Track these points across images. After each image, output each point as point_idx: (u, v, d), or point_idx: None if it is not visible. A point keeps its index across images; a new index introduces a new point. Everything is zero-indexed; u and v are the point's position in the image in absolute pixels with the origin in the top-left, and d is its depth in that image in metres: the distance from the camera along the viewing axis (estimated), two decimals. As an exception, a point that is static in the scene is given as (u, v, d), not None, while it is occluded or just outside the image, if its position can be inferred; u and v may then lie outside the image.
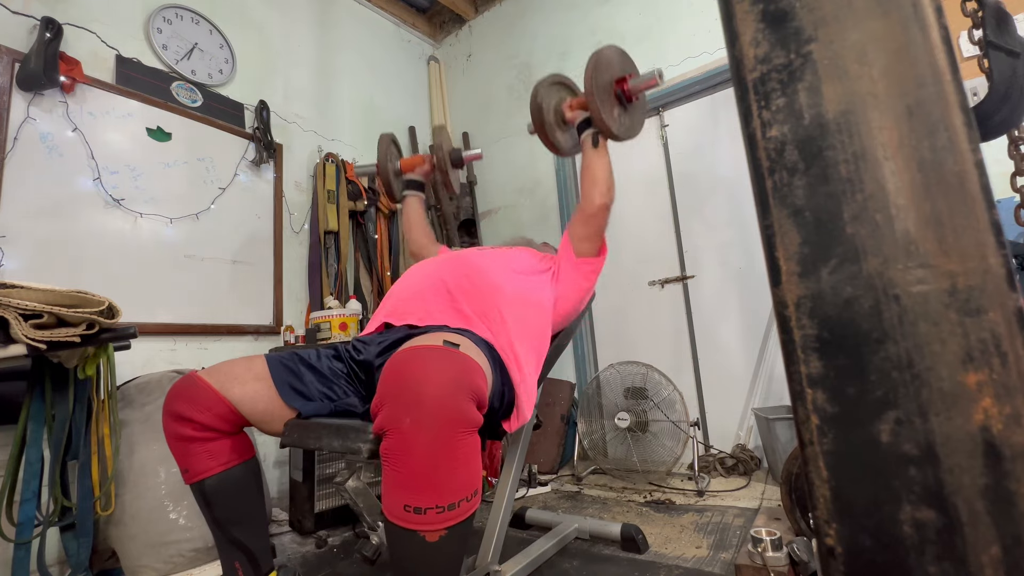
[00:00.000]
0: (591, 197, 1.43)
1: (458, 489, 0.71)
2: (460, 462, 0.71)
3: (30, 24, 1.95)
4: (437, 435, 0.69)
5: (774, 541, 1.29)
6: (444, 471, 0.70)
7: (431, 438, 0.69)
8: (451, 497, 0.70)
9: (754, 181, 0.50)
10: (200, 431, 0.97)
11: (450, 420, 0.70)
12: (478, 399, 0.76)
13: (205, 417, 0.97)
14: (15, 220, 1.84)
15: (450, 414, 0.70)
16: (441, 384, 0.72)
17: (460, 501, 0.71)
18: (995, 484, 0.38)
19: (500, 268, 1.33)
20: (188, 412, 0.96)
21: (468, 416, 0.73)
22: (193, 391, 0.99)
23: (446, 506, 0.70)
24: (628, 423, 2.37)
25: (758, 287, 2.61)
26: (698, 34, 2.77)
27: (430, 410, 0.70)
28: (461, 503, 0.71)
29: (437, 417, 0.69)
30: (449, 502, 0.70)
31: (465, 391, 0.73)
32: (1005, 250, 0.39)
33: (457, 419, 0.71)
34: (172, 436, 0.98)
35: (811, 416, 0.45)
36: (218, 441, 0.99)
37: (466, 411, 0.72)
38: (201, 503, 0.99)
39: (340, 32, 3.28)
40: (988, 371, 0.39)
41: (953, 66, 0.42)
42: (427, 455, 0.69)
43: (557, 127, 1.50)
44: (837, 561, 0.43)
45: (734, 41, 0.51)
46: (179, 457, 0.99)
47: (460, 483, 0.71)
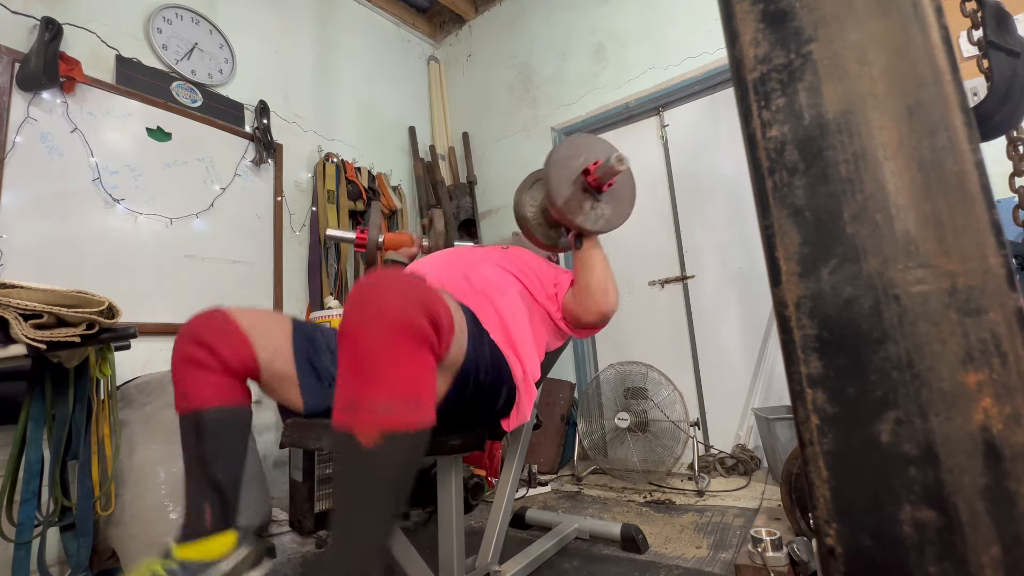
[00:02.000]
0: (585, 305, 1.29)
1: (395, 388, 0.69)
2: (400, 362, 0.70)
3: (30, 24, 1.95)
4: (380, 328, 0.70)
5: (774, 541, 1.29)
6: (381, 364, 0.69)
7: (374, 330, 0.70)
8: (385, 395, 0.68)
9: (754, 181, 0.50)
10: (215, 363, 0.94)
11: (395, 316, 0.71)
12: (432, 318, 0.74)
13: (226, 352, 0.94)
14: (15, 220, 1.84)
15: (396, 312, 0.71)
16: (391, 288, 0.73)
17: (396, 403, 0.68)
18: (995, 484, 0.38)
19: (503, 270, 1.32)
20: (211, 341, 0.93)
21: (416, 323, 0.71)
22: (222, 325, 0.96)
23: (380, 404, 0.68)
24: (628, 423, 2.37)
25: (758, 287, 2.61)
26: (698, 34, 2.77)
27: (377, 308, 0.71)
28: (397, 405, 0.68)
29: (383, 312, 0.71)
30: (384, 400, 0.68)
31: (416, 301, 0.73)
32: (1005, 250, 0.39)
33: (404, 319, 0.71)
34: (182, 358, 0.95)
35: (811, 416, 0.45)
36: (228, 378, 0.96)
37: (414, 317, 0.71)
38: (190, 436, 0.93)
39: (340, 32, 3.28)
40: (988, 371, 0.39)
41: (953, 66, 0.42)
42: (368, 347, 0.70)
43: (548, 226, 1.41)
44: (837, 561, 0.43)
45: (734, 41, 0.52)
46: (182, 381, 0.95)
47: (398, 383, 0.69)
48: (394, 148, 3.50)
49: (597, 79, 3.17)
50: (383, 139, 3.42)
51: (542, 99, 3.40)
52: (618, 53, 3.10)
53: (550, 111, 3.35)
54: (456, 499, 1.18)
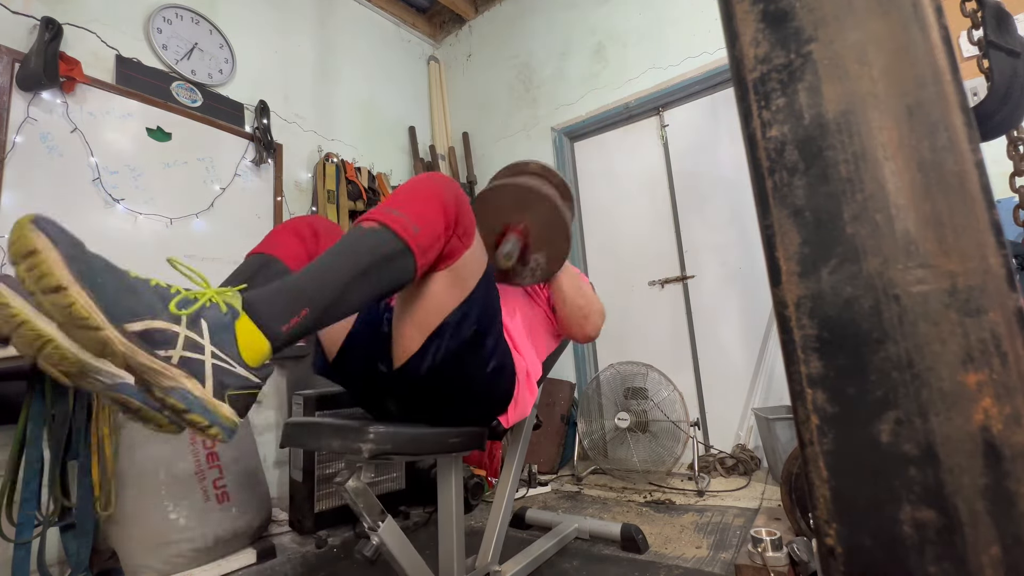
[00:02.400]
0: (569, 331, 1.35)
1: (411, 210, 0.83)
2: (424, 203, 0.85)
3: (30, 24, 1.95)
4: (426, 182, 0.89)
5: (774, 541, 1.29)
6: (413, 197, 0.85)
7: (421, 182, 0.90)
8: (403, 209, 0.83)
9: (754, 181, 0.50)
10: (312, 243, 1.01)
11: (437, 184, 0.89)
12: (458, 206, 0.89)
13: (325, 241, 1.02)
14: (15, 220, 1.84)
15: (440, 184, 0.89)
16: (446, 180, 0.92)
17: (405, 217, 0.81)
18: (995, 484, 0.38)
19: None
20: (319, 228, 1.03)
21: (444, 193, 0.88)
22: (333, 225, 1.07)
23: (395, 210, 0.82)
24: (628, 423, 2.37)
25: (758, 287, 2.61)
26: (698, 34, 2.77)
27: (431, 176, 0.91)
28: (404, 219, 0.81)
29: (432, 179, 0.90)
30: (399, 210, 0.82)
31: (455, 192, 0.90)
32: (1005, 250, 0.39)
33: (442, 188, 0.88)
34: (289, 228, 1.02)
35: (811, 416, 0.45)
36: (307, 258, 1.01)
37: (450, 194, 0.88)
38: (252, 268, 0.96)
39: (340, 32, 3.28)
40: (988, 371, 0.39)
41: (953, 66, 0.42)
42: (413, 185, 0.89)
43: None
44: (837, 561, 0.43)
45: (734, 41, 0.52)
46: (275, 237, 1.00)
47: (414, 210, 0.83)
48: (394, 148, 3.50)
49: (597, 79, 3.17)
50: (383, 139, 3.42)
51: (542, 99, 3.40)
52: (618, 53, 3.10)
53: (550, 111, 3.35)
54: (456, 499, 1.18)
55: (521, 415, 1.16)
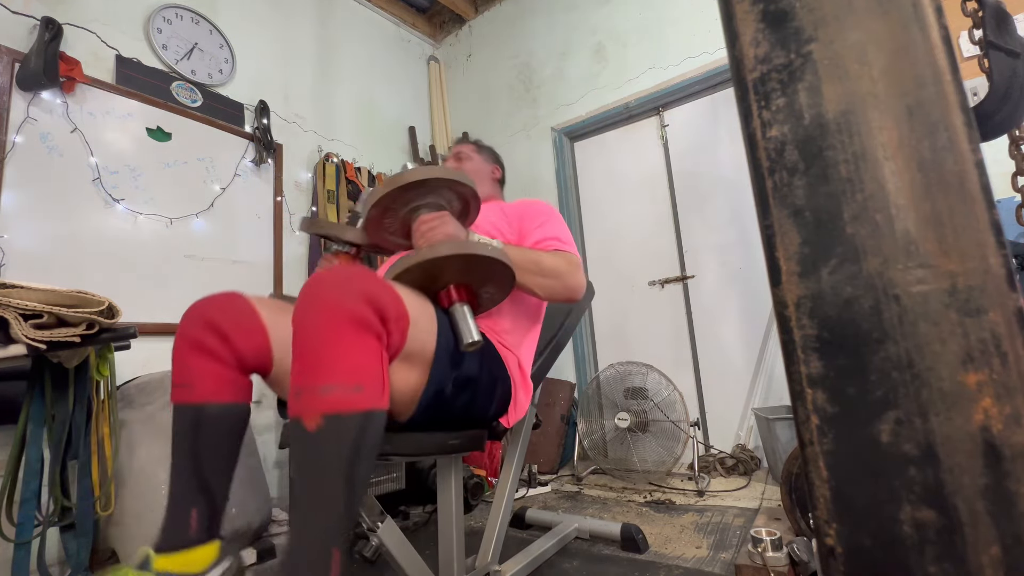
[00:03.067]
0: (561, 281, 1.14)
1: (332, 372, 0.70)
2: (339, 349, 0.71)
3: (30, 24, 1.95)
4: (319, 319, 0.72)
5: (774, 541, 1.29)
6: (316, 352, 0.71)
7: (314, 322, 0.73)
8: (324, 378, 0.69)
9: (754, 181, 0.50)
10: (227, 352, 0.88)
11: (332, 307, 0.73)
12: (376, 306, 0.75)
13: (239, 340, 0.88)
14: (15, 220, 1.84)
15: (333, 303, 0.73)
16: (329, 283, 0.76)
17: (336, 387, 0.69)
18: (995, 484, 0.38)
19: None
20: (224, 326, 0.88)
21: (355, 311, 0.73)
22: (237, 309, 0.91)
23: (319, 387, 0.69)
24: (628, 423, 2.37)
25: (758, 287, 2.61)
26: (698, 34, 2.77)
27: (317, 302, 0.74)
28: (336, 390, 0.69)
29: (318, 306, 0.73)
30: (323, 383, 0.69)
31: (353, 292, 0.74)
32: (1005, 250, 0.39)
33: (340, 308, 0.72)
34: (189, 342, 0.88)
35: (811, 416, 0.45)
36: (234, 371, 0.90)
37: (352, 306, 0.73)
38: (187, 430, 0.87)
39: (340, 32, 3.28)
40: (988, 371, 0.39)
41: (953, 66, 0.42)
42: (309, 338, 0.72)
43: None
44: (837, 561, 0.43)
45: (734, 41, 0.51)
46: (187, 368, 0.88)
47: (335, 367, 0.70)
48: (394, 148, 3.50)
49: (597, 79, 3.17)
50: (383, 139, 3.42)
51: (542, 99, 3.40)
52: (618, 53, 3.09)
53: (550, 111, 3.35)
54: (456, 499, 1.18)
55: (520, 412, 1.15)
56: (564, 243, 1.20)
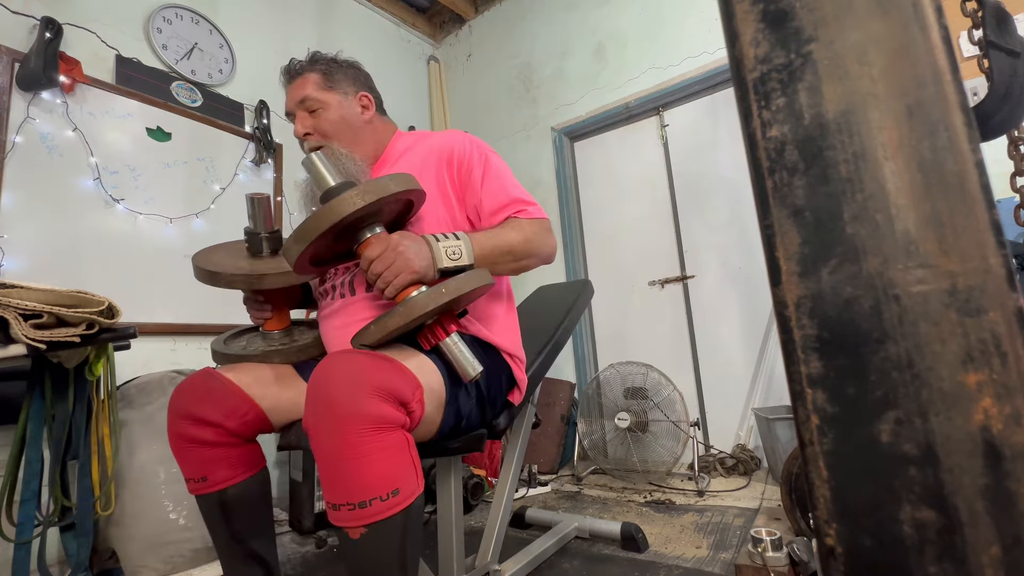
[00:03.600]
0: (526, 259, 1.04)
1: (367, 487, 0.69)
2: (366, 460, 0.69)
3: (30, 24, 1.95)
4: (335, 433, 0.69)
5: (774, 541, 1.29)
6: (346, 469, 0.69)
7: (331, 436, 0.70)
8: (360, 495, 0.69)
9: (754, 181, 0.50)
10: (223, 436, 0.89)
11: (348, 417, 0.70)
12: (394, 394, 0.73)
13: (231, 422, 0.88)
14: (15, 220, 1.84)
15: (347, 412, 0.70)
16: (338, 385, 0.71)
17: (373, 500, 0.69)
18: (995, 484, 0.38)
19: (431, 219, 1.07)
20: (210, 415, 0.87)
21: (370, 412, 0.70)
22: (218, 392, 0.90)
23: (356, 504, 0.69)
24: (628, 423, 2.37)
25: (758, 287, 2.61)
26: (698, 34, 2.77)
27: (329, 409, 0.70)
28: (374, 502, 0.69)
29: (335, 415, 0.70)
30: (359, 500, 0.69)
31: (366, 389, 0.71)
32: (1005, 250, 0.39)
33: (356, 416, 0.70)
34: (183, 439, 0.88)
35: (811, 416, 0.45)
36: (239, 448, 0.92)
37: (367, 408, 0.70)
38: (216, 515, 0.89)
39: (340, 32, 3.28)
40: (988, 371, 0.39)
41: (953, 66, 0.42)
42: (329, 454, 0.70)
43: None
44: (837, 561, 0.43)
45: (734, 41, 0.51)
46: (190, 464, 0.88)
47: (369, 481, 0.69)
48: (394, 148, 3.49)
49: (597, 79, 3.17)
50: (383, 139, 3.42)
51: (542, 99, 3.40)
52: (618, 53, 3.09)
53: (550, 111, 3.35)
54: (456, 499, 1.18)
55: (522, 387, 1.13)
56: (524, 202, 1.06)
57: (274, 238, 1.01)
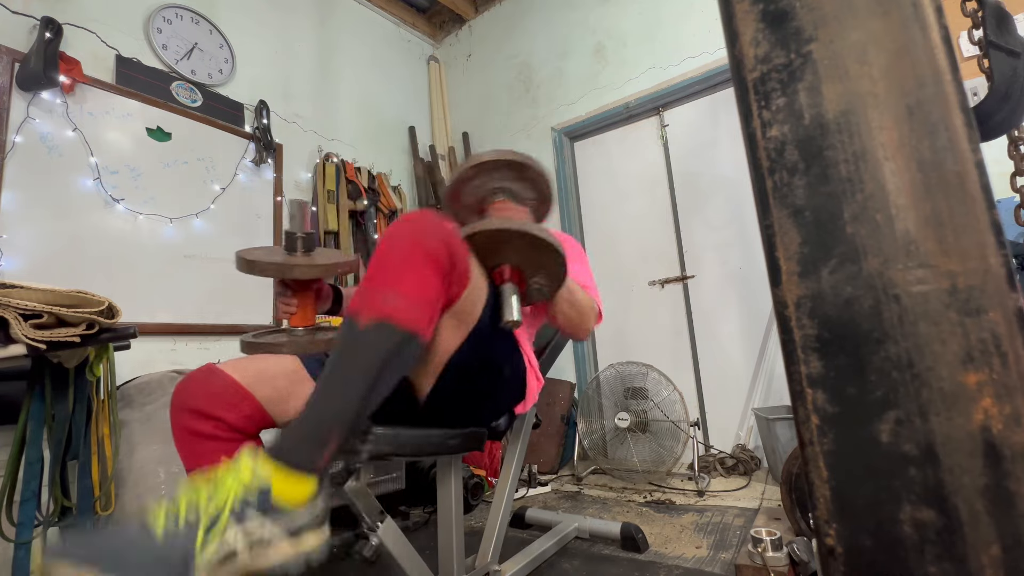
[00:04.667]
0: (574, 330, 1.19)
1: (400, 285, 0.75)
2: (408, 269, 0.76)
3: (30, 24, 1.95)
4: (397, 242, 0.78)
5: (774, 541, 1.29)
6: (391, 266, 0.76)
7: (392, 243, 0.78)
8: (391, 286, 0.75)
9: (754, 181, 0.50)
10: (223, 431, 0.90)
11: (412, 235, 0.78)
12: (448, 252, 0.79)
13: (232, 416, 0.90)
14: (15, 220, 1.84)
15: (414, 232, 0.78)
16: (419, 222, 0.81)
17: (397, 298, 0.74)
18: (995, 484, 0.38)
19: None
20: (211, 409, 0.89)
21: (430, 244, 0.78)
22: (218, 386, 0.92)
23: (383, 291, 0.74)
24: (628, 423, 2.37)
25: (758, 287, 2.61)
26: (698, 34, 2.77)
27: (401, 228, 0.80)
28: (394, 299, 0.74)
29: (403, 232, 0.79)
30: (387, 290, 0.75)
31: (437, 234, 0.79)
32: (1005, 250, 0.39)
33: (419, 237, 0.78)
34: (186, 432, 0.90)
35: (811, 416, 0.45)
36: (238, 443, 0.91)
37: (429, 240, 0.78)
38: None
39: (340, 32, 3.28)
40: (988, 371, 0.39)
41: (953, 66, 0.42)
42: (384, 253, 0.78)
43: None
44: (837, 561, 0.43)
45: (734, 41, 0.51)
46: (191, 457, 0.90)
47: (404, 284, 0.76)
48: (394, 148, 3.50)
49: (597, 79, 3.17)
50: (383, 139, 3.42)
51: (542, 99, 3.40)
52: (618, 53, 3.09)
53: (550, 111, 3.35)
54: (456, 499, 1.18)
55: (531, 401, 1.17)
56: (592, 290, 1.26)
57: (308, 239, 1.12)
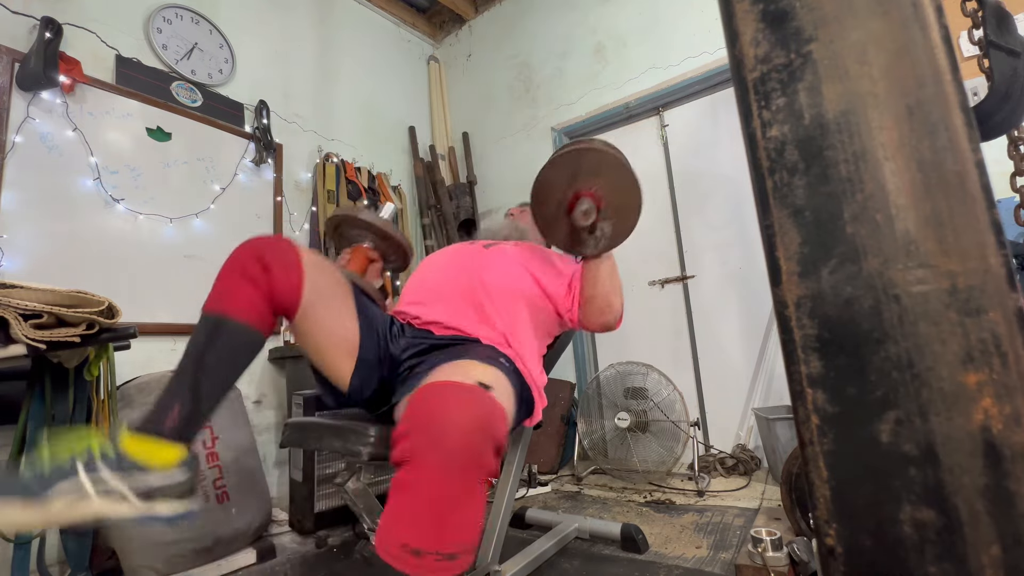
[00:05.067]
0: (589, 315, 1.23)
1: (461, 540, 0.68)
2: (470, 512, 0.69)
3: (30, 24, 1.95)
4: (457, 478, 0.68)
5: (774, 541, 1.29)
6: (455, 518, 0.68)
7: (450, 480, 0.67)
8: (454, 547, 0.67)
9: (754, 181, 0.50)
10: (263, 280, 0.92)
11: (474, 465, 0.69)
12: (499, 449, 0.74)
13: (277, 272, 0.92)
14: (15, 220, 1.84)
15: (475, 459, 0.69)
16: (471, 427, 0.70)
17: (460, 554, 0.68)
18: (995, 484, 0.38)
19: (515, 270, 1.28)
20: (267, 257, 0.92)
21: (489, 466, 0.71)
22: (283, 247, 0.95)
23: (446, 555, 0.67)
24: (628, 423, 2.37)
25: (758, 287, 2.61)
26: (698, 34, 2.77)
27: (456, 450, 0.68)
28: (460, 556, 0.68)
29: (462, 458, 0.68)
30: (450, 552, 0.67)
31: (491, 439, 0.72)
32: (1005, 250, 0.39)
33: (479, 466, 0.69)
34: (236, 267, 0.93)
35: (811, 416, 0.45)
36: (265, 302, 0.93)
37: (488, 460, 0.71)
38: (204, 335, 0.90)
39: (340, 32, 3.28)
40: (988, 371, 0.39)
41: (953, 66, 0.42)
42: (441, 497, 0.67)
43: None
44: (837, 561, 0.43)
45: (734, 41, 0.51)
46: (225, 286, 0.92)
47: (465, 534, 0.69)
48: (394, 148, 3.50)
49: (597, 79, 3.17)
50: (383, 139, 3.42)
51: (542, 99, 3.40)
52: (618, 53, 3.09)
53: (550, 111, 3.35)
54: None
55: (537, 417, 1.19)
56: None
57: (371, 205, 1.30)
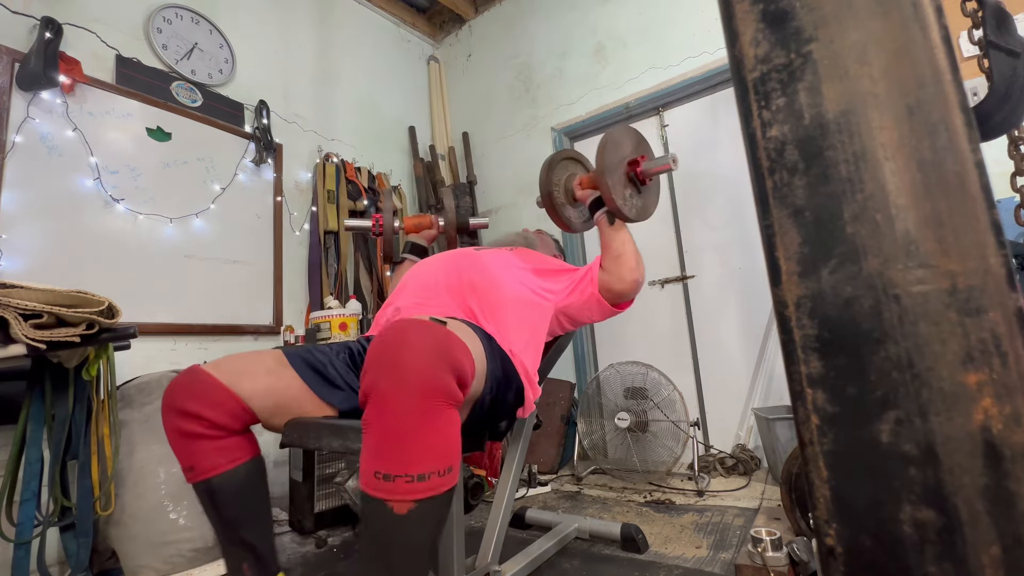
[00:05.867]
0: (619, 273, 1.27)
1: (429, 460, 0.70)
2: (434, 432, 0.71)
3: (30, 24, 1.95)
4: (412, 399, 0.70)
5: (774, 541, 1.29)
6: (415, 438, 0.69)
7: (406, 402, 0.70)
8: (421, 467, 0.69)
9: (754, 181, 0.50)
10: (208, 428, 0.93)
11: (426, 387, 0.71)
12: (459, 376, 0.75)
13: (214, 413, 0.92)
14: (15, 220, 1.84)
15: (427, 381, 0.71)
16: (421, 352, 0.72)
17: (431, 474, 0.69)
18: (995, 484, 0.38)
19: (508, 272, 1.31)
20: (194, 408, 0.92)
21: (446, 387, 0.72)
22: (200, 386, 0.94)
23: (415, 475, 0.68)
24: (628, 423, 2.37)
25: (758, 287, 2.61)
26: (698, 34, 2.77)
27: (407, 375, 0.70)
28: (432, 476, 0.69)
29: (413, 382, 0.70)
30: (419, 472, 0.69)
31: (445, 363, 0.73)
32: (1005, 250, 0.39)
33: (434, 387, 0.71)
34: (175, 432, 0.93)
35: (811, 416, 0.45)
36: (226, 439, 0.95)
37: (445, 382, 0.72)
38: (207, 503, 0.94)
39: (340, 32, 3.28)
40: (988, 371, 0.39)
41: (953, 66, 0.42)
42: (400, 419, 0.69)
43: (568, 204, 1.47)
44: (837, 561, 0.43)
45: (734, 41, 0.51)
46: (182, 455, 0.94)
47: (432, 454, 0.70)
48: (394, 148, 3.50)
49: (597, 79, 3.17)
50: (383, 139, 3.42)
51: (542, 99, 3.40)
52: (618, 53, 3.09)
53: (550, 111, 3.35)
54: (456, 499, 1.18)
55: (529, 408, 1.19)
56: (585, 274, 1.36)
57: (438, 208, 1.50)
